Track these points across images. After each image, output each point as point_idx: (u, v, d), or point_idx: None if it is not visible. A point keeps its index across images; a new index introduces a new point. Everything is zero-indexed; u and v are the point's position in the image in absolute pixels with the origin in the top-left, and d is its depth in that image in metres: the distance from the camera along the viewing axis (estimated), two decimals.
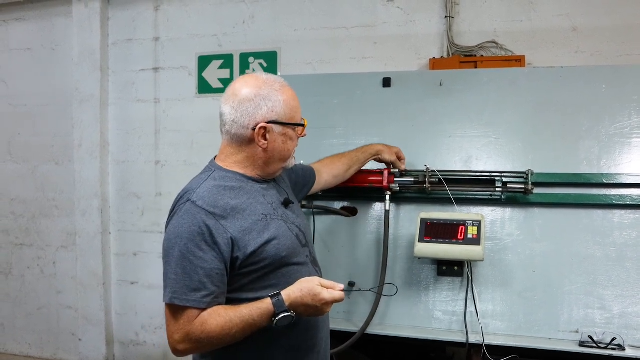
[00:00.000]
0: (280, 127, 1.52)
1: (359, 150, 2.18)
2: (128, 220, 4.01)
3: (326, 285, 1.44)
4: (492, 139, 2.31)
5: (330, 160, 2.13)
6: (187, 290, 1.39)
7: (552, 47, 3.12)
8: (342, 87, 2.51)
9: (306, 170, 1.99)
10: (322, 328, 1.64)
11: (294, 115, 1.54)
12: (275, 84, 1.52)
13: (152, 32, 3.89)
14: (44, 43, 4.14)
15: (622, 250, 2.12)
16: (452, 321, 2.22)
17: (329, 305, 1.44)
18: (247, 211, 1.48)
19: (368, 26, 3.43)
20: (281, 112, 1.51)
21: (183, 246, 1.40)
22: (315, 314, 1.46)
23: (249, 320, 1.39)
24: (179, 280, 1.40)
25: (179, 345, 1.41)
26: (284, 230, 1.53)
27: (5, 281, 4.34)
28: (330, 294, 1.42)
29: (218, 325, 1.38)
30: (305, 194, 1.98)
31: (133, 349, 4.07)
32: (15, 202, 4.29)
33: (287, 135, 1.54)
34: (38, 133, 4.18)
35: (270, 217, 1.52)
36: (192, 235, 1.40)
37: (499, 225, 2.24)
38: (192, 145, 3.84)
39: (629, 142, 2.17)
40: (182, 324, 1.39)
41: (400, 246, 2.33)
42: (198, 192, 1.46)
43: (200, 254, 1.40)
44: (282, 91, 1.52)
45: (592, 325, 2.08)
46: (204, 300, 1.39)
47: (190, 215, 1.42)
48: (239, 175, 1.54)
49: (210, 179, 1.51)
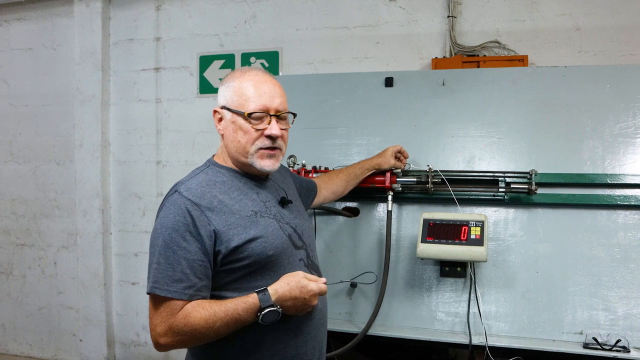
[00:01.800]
0: (229, 114, 1.50)
1: (356, 166, 2.19)
2: (129, 221, 4.00)
3: (310, 279, 1.44)
4: (495, 138, 2.29)
5: (328, 177, 2.14)
6: (169, 280, 1.36)
7: (555, 47, 3.10)
8: (344, 86, 2.50)
9: (309, 182, 2.02)
10: (315, 336, 1.56)
11: (242, 102, 1.48)
12: (238, 72, 1.53)
13: (153, 31, 3.89)
14: (45, 43, 4.13)
15: (626, 251, 2.10)
16: (455, 322, 2.21)
17: (316, 298, 1.44)
18: (236, 206, 1.46)
19: (370, 26, 3.42)
20: (229, 98, 1.50)
21: (167, 236, 1.38)
22: (302, 308, 1.43)
23: (234, 314, 1.36)
24: (161, 270, 1.37)
25: (161, 338, 1.37)
26: (273, 228, 1.49)
27: (6, 281, 4.34)
28: (317, 285, 1.43)
29: (202, 318, 1.35)
30: (309, 204, 1.99)
31: (134, 349, 4.06)
32: (16, 202, 4.28)
33: (236, 123, 1.49)
34: (39, 133, 4.18)
35: (260, 214, 1.48)
36: (176, 225, 1.38)
37: (502, 226, 2.23)
38: (194, 145, 3.83)
39: (633, 142, 2.16)
40: (165, 316, 1.36)
41: (403, 247, 2.32)
42: (187, 184, 1.46)
43: (184, 244, 1.37)
44: (240, 78, 1.51)
45: (596, 326, 2.07)
46: (186, 291, 1.36)
47: (176, 205, 1.41)
48: (233, 172, 1.54)
49: (203, 174, 1.52)
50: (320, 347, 1.60)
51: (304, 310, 1.45)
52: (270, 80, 1.53)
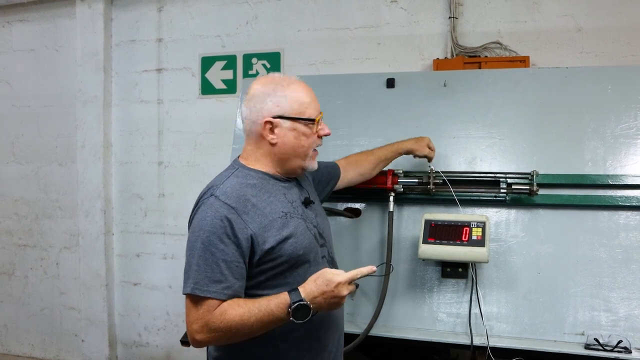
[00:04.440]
0: (288, 122, 1.54)
1: (387, 149, 2.15)
2: (131, 221, 4.01)
3: (335, 272, 1.45)
4: (497, 139, 2.29)
5: (356, 158, 2.12)
6: (208, 281, 1.41)
7: (557, 48, 3.10)
8: (345, 87, 2.51)
9: (329, 166, 2.00)
10: (336, 327, 1.66)
11: (303, 110, 1.55)
12: (283, 81, 1.56)
13: (155, 33, 3.90)
14: (47, 44, 4.14)
15: (628, 252, 2.10)
16: (457, 323, 2.21)
17: (345, 287, 1.43)
18: (268, 208, 1.51)
19: (371, 27, 3.42)
20: (287, 107, 1.54)
21: (205, 238, 1.43)
22: (335, 303, 1.44)
23: (267, 310, 1.40)
24: (200, 271, 1.42)
25: (198, 334, 1.42)
26: (302, 228, 1.55)
27: (9, 282, 4.35)
28: (342, 276, 1.44)
29: (237, 315, 1.40)
30: (329, 190, 1.99)
31: (136, 350, 4.06)
32: (18, 203, 4.29)
33: (298, 130, 1.55)
34: (41, 134, 4.19)
35: (290, 215, 1.54)
36: (214, 227, 1.43)
37: (504, 227, 2.23)
38: (195, 146, 3.83)
39: (634, 143, 2.15)
40: (202, 314, 1.41)
41: (404, 248, 2.32)
42: (222, 187, 1.50)
43: (221, 246, 1.42)
44: (289, 87, 1.55)
45: (598, 327, 2.07)
46: (225, 292, 1.42)
47: (213, 209, 1.45)
48: (261, 174, 1.58)
49: (233, 176, 1.55)
50: (340, 337, 1.70)
51: (337, 303, 1.46)
52: (309, 86, 1.62)
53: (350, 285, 1.46)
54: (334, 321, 1.66)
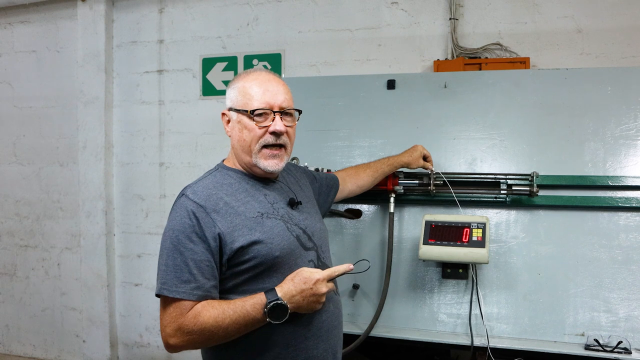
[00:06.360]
0: (235, 114, 1.53)
1: (383, 162, 2.16)
2: (132, 222, 4.01)
3: (313, 270, 1.42)
4: (497, 141, 2.30)
5: (354, 171, 2.12)
6: (177, 281, 1.37)
7: (557, 49, 3.11)
8: (346, 89, 2.51)
9: (329, 177, 2.00)
10: (328, 339, 1.54)
11: (246, 101, 1.49)
12: (243, 73, 1.56)
13: (156, 34, 3.90)
14: (48, 45, 4.15)
15: (628, 253, 2.11)
16: (457, 324, 2.22)
17: (323, 285, 1.40)
18: (241, 208, 1.47)
19: (372, 28, 3.43)
20: (234, 98, 1.53)
21: (174, 238, 1.41)
22: (314, 301, 1.41)
23: (242, 310, 1.36)
24: (169, 271, 1.39)
25: (171, 338, 1.38)
26: (280, 230, 1.48)
27: (10, 282, 4.36)
28: (320, 273, 1.40)
29: (211, 316, 1.36)
30: (331, 201, 1.97)
31: (137, 350, 4.07)
32: (20, 204, 4.30)
33: (241, 123, 1.51)
34: (43, 135, 4.20)
35: (267, 215, 1.49)
36: (183, 227, 1.41)
37: (504, 228, 2.24)
38: (196, 147, 3.84)
39: (634, 144, 2.16)
40: (175, 316, 1.37)
41: (405, 248, 2.33)
42: (194, 187, 1.49)
43: (190, 245, 1.39)
44: (246, 78, 1.53)
45: (598, 328, 2.08)
46: (194, 292, 1.37)
47: (182, 207, 1.44)
48: (241, 174, 1.56)
49: (211, 176, 1.54)
50: (333, 351, 1.58)
51: (317, 303, 1.42)
52: (274, 78, 1.54)
53: (329, 283, 1.42)
54: (326, 332, 1.53)
